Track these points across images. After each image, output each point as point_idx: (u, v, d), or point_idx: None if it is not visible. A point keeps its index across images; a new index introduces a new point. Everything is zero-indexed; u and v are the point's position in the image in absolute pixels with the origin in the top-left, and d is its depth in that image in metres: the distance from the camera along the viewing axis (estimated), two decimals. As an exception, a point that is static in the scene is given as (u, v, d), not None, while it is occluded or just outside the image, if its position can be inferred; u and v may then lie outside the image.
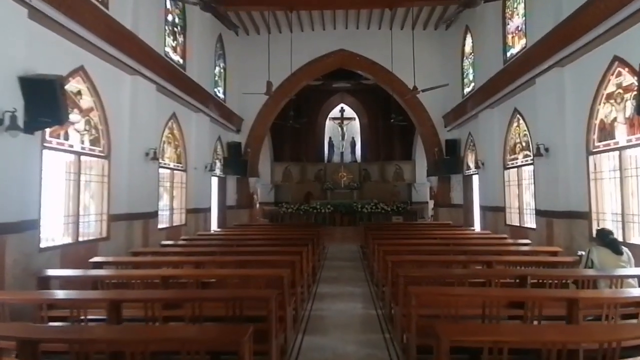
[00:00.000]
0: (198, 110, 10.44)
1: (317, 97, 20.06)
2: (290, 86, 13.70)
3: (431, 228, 10.54)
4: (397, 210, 15.11)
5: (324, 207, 15.35)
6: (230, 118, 12.90)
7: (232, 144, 13.11)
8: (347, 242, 13.91)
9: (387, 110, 19.62)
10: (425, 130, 13.70)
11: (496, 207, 9.89)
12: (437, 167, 13.36)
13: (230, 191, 13.30)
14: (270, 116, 14.13)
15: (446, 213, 13.32)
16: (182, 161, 9.89)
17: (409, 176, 19.13)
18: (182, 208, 9.86)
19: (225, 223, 12.84)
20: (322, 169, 19.96)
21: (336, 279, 8.02)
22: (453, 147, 12.83)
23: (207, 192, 11.09)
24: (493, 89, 9.70)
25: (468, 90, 12.07)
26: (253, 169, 13.84)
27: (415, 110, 13.63)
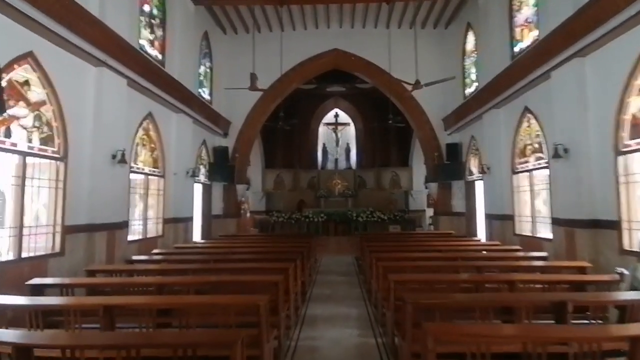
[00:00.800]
0: (179, 110, 9.49)
1: (311, 102, 19.22)
2: (281, 87, 12.80)
3: (433, 238, 9.60)
4: (394, 219, 14.17)
5: (317, 215, 14.38)
6: (216, 121, 11.96)
7: (219, 148, 12.15)
8: (341, 253, 12.93)
9: (383, 115, 18.83)
10: (424, 134, 12.84)
11: (504, 215, 8.98)
12: (437, 173, 12.48)
13: (216, 199, 12.30)
14: (260, 119, 13.20)
15: (447, 222, 12.40)
16: (160, 166, 8.90)
17: (406, 183, 18.24)
18: (158, 218, 8.85)
19: (210, 234, 11.82)
20: (316, 176, 19.03)
21: (329, 297, 7.03)
22: (454, 151, 11.97)
23: (189, 200, 10.09)
24: (499, 87, 8.86)
25: (470, 91, 11.25)
26: (241, 175, 12.86)
27: (414, 113, 12.77)
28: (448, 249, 7.36)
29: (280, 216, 14.45)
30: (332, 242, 13.80)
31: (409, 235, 11.16)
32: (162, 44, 9.03)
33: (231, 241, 9.48)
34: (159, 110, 8.73)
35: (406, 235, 11.12)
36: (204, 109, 11.11)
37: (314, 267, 10.03)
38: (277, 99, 13.09)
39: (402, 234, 11.50)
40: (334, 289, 7.66)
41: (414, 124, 13.20)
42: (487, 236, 9.69)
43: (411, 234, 11.50)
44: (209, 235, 11.62)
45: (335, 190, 18.57)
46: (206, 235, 11.54)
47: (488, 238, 9.56)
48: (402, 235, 10.90)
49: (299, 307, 6.05)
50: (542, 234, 7.72)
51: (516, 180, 8.70)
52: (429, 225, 20.24)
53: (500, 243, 8.15)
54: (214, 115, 11.76)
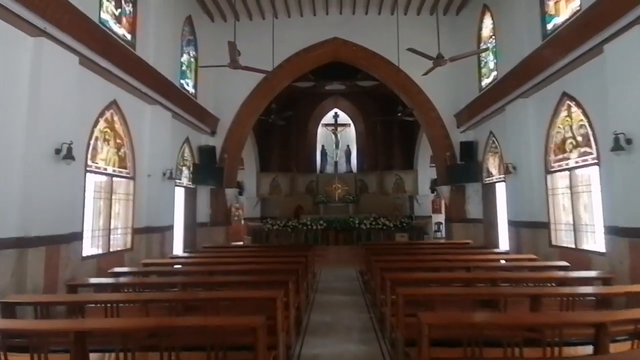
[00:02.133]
0: (154, 101, 8.05)
1: (308, 101, 17.84)
2: (275, 81, 11.38)
3: (451, 250, 8.11)
4: (400, 226, 12.70)
5: (316, 223, 12.90)
6: (202, 117, 10.52)
7: (205, 148, 10.69)
8: (343, 265, 11.42)
9: (385, 115, 17.43)
10: (435, 132, 11.40)
11: (535, 222, 7.52)
12: (449, 175, 11.03)
13: (202, 205, 10.81)
14: (252, 116, 11.76)
15: (461, 230, 10.92)
16: (129, 166, 7.43)
17: (411, 187, 16.79)
18: (127, 227, 7.36)
19: (195, 244, 10.32)
20: (314, 180, 17.61)
21: (330, 326, 5.52)
22: (469, 150, 10.53)
23: (167, 207, 8.59)
24: (528, 72, 7.46)
25: (488, 82, 9.84)
26: (231, 178, 11.39)
27: (423, 108, 11.34)
28: (476, 266, 5.88)
29: (275, 224, 12.97)
30: (332, 253, 12.30)
31: (420, 245, 9.66)
32: (132, 22, 7.60)
33: (214, 254, 7.97)
34: (127, 99, 7.28)
35: (417, 245, 9.61)
36: (187, 103, 9.68)
37: (312, 283, 8.54)
38: (271, 94, 11.67)
39: (412, 245, 9.98)
40: (336, 314, 6.15)
41: (422, 121, 11.77)
42: (513, 247, 8.21)
43: (422, 245, 10.00)
44: (193, 247, 10.11)
45: (335, 196, 17.13)
46: (190, 245, 10.04)
47: (514, 249, 8.08)
48: (413, 246, 9.39)
49: (291, 347, 4.55)
50: (589, 246, 6.26)
51: (551, 181, 7.26)
52: (435, 233, 18.85)
53: (536, 257, 6.66)
54: (198, 110, 10.32)
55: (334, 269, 10.73)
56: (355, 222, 12.93)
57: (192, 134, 10.29)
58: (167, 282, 5.16)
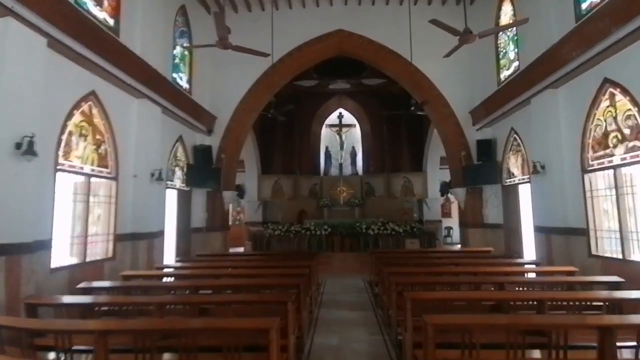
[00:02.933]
0: (141, 95, 7.25)
1: (312, 101, 17.02)
2: (276, 76, 10.56)
3: (472, 260, 7.20)
4: (411, 232, 11.78)
5: (320, 228, 12.02)
6: (197, 114, 9.71)
7: (201, 147, 9.88)
8: (349, 273, 10.54)
9: (392, 115, 16.59)
10: (448, 131, 10.52)
11: (570, 228, 6.60)
12: (465, 177, 10.13)
13: (197, 209, 9.97)
14: (251, 114, 10.94)
15: (478, 236, 9.99)
16: (111, 165, 6.62)
17: (420, 190, 15.89)
18: (108, 233, 6.53)
19: (189, 252, 9.48)
20: (318, 183, 16.74)
21: (337, 353, 4.64)
22: (486, 149, 9.64)
23: (156, 210, 7.75)
24: (559, 59, 6.58)
25: (508, 74, 8.96)
26: (228, 180, 10.56)
27: (435, 105, 10.46)
28: (509, 281, 4.97)
29: (276, 229, 12.10)
30: (337, 260, 11.41)
31: (435, 254, 8.74)
32: (115, 6, 6.81)
33: (206, 264, 7.11)
34: (108, 91, 6.48)
35: (431, 254, 8.68)
36: (180, 98, 8.88)
37: (316, 295, 7.67)
38: (271, 90, 10.85)
39: (426, 253, 9.02)
40: (344, 335, 5.26)
41: (435, 119, 10.89)
42: (541, 255, 7.28)
43: (437, 253, 9.08)
44: (187, 254, 9.27)
45: (340, 199, 16.26)
46: (183, 253, 9.19)
47: (543, 258, 7.16)
48: (427, 255, 8.45)
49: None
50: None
51: (589, 181, 6.35)
52: (445, 238, 17.88)
53: (575, 269, 5.73)
54: (193, 107, 9.52)
55: (339, 278, 9.85)
56: (362, 227, 12.04)
57: (185, 132, 9.47)
58: (144, 302, 4.31)
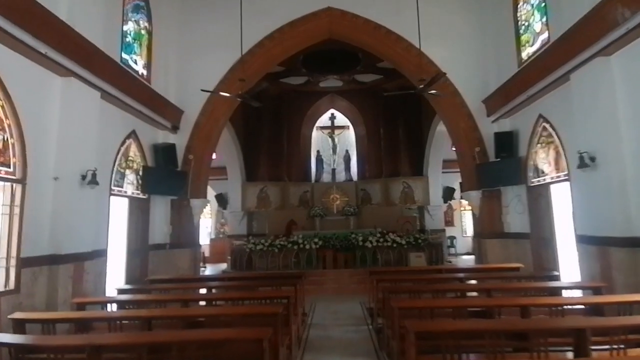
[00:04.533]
0: (69, 72, 5.43)
1: (301, 101, 15.29)
2: (255, 63, 8.83)
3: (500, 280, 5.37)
4: (415, 243, 9.93)
5: (309, 241, 10.15)
6: (157, 106, 7.90)
7: (161, 146, 8.03)
8: (344, 296, 8.68)
9: (389, 115, 14.92)
10: (458, 124, 8.77)
11: (638, 239, 4.83)
12: (480, 177, 8.35)
13: (158, 221, 8.07)
14: (226, 108, 9.12)
15: (498, 248, 8.17)
16: (14, 162, 4.76)
17: (421, 196, 14.11)
18: (8, 257, 4.64)
19: (147, 273, 7.56)
20: (309, 190, 14.93)
21: None
22: (506, 144, 7.89)
23: (91, 224, 5.83)
24: (612, 16, 4.88)
25: (533, 50, 7.27)
26: (198, 186, 8.69)
27: (442, 93, 8.71)
28: (590, 325, 3.15)
29: (258, 243, 10.20)
30: (330, 279, 9.53)
31: (450, 273, 6.87)
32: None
33: (155, 296, 5.22)
34: (11, 62, 4.67)
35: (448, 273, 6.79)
36: (133, 84, 7.07)
37: (303, 326, 5.80)
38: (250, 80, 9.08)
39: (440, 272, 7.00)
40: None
41: (441, 111, 9.15)
42: (590, 273, 5.48)
43: (453, 272, 7.19)
44: (143, 277, 7.34)
45: (334, 208, 14.44)
46: (137, 277, 7.26)
47: (594, 277, 5.35)
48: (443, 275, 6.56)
49: None
50: None
51: (667, 174, 4.60)
52: (449, 248, 16.08)
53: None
54: (151, 96, 7.70)
55: (332, 302, 7.98)
56: (358, 239, 10.18)
57: (141, 127, 7.63)
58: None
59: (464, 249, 17.21)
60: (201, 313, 4.01)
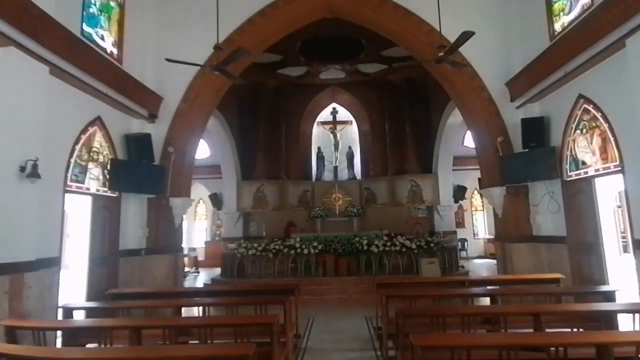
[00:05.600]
0: (10, 41, 4.30)
1: (300, 95, 14.16)
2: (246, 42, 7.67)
3: (543, 296, 4.15)
4: (427, 248, 8.71)
5: (308, 244, 8.96)
6: (131, 91, 6.75)
7: (134, 137, 6.88)
8: (346, 308, 7.50)
9: (396, 107, 13.72)
10: (477, 110, 7.55)
11: None
12: (504, 171, 7.12)
13: (131, 223, 6.91)
14: (213, 94, 7.96)
15: (526, 253, 6.91)
16: None
17: (430, 196, 12.90)
18: None
19: (117, 284, 6.41)
20: (309, 189, 13.78)
21: None
22: (536, 131, 6.65)
23: (34, 226, 4.67)
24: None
25: (570, 19, 6.05)
26: (180, 182, 7.52)
27: (459, 78, 7.52)
28: None
29: (251, 247, 9.03)
30: (331, 289, 8.33)
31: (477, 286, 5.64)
32: None
33: (106, 318, 4.06)
34: None
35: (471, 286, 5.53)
36: (97, 62, 5.92)
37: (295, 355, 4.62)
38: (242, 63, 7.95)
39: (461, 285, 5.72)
40: None
41: (457, 96, 7.92)
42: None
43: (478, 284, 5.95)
44: (112, 287, 6.17)
45: (336, 208, 13.28)
46: (105, 288, 6.08)
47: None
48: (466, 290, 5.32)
49: None
50: None
51: None
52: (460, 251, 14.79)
53: None
54: (121, 78, 6.55)
55: (332, 317, 6.79)
56: (362, 243, 8.99)
57: (110, 114, 6.48)
58: None
59: (475, 252, 15.96)
60: (148, 356, 2.83)
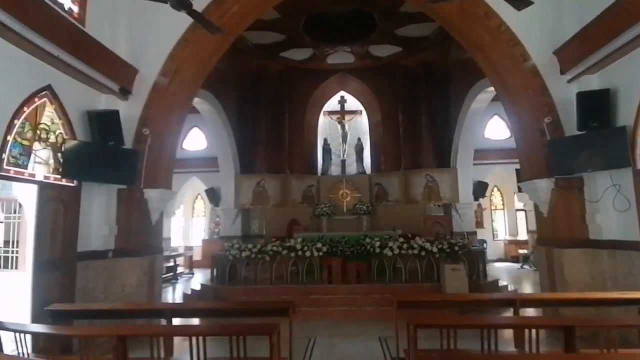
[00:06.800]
0: None
1: (305, 82, 12.80)
2: (240, 2, 6.36)
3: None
4: (451, 251, 7.30)
5: (311, 246, 7.61)
6: (96, 59, 5.43)
7: (96, 114, 5.56)
8: (355, 322, 6.14)
9: (411, 95, 12.29)
10: (518, 85, 6.09)
11: None
12: (554, 159, 5.65)
13: (94, 219, 5.63)
14: (198, 67, 6.61)
15: (581, 262, 5.44)
16: None
17: (448, 192, 11.46)
18: None
19: (73, 293, 5.14)
20: (314, 184, 12.45)
21: None
22: (598, 108, 5.19)
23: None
24: None
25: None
26: (156, 171, 6.20)
27: (495, 44, 6.09)
28: None
29: (245, 249, 7.70)
30: (337, 299, 6.96)
31: (529, 304, 4.22)
32: None
33: None
34: None
35: (523, 306, 4.10)
36: (45, 17, 4.62)
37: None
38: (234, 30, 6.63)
39: (511, 304, 4.18)
40: None
41: (492, 68, 6.44)
42: None
43: (532, 303, 4.52)
44: (66, 298, 4.90)
45: (343, 205, 11.92)
46: (58, 298, 4.80)
47: None
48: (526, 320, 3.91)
49: None
50: None
51: None
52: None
53: None
54: (83, 42, 5.23)
55: (338, 336, 5.41)
56: (374, 245, 7.61)
57: (66, 84, 5.18)
58: None
59: (494, 255, 14.47)
60: None
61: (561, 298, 4.31)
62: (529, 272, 12.09)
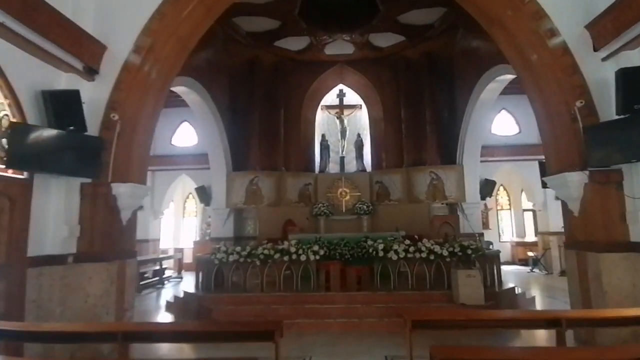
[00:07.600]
0: None
1: (302, 74, 11.99)
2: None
3: None
4: (463, 254, 6.46)
5: (306, 249, 6.76)
6: (49, 28, 4.57)
7: (55, 94, 4.70)
8: (356, 338, 5.27)
9: (414, 88, 11.47)
10: (543, 65, 5.26)
11: None
12: (588, 149, 4.81)
13: (52, 218, 4.77)
14: (176, 42, 5.75)
15: (621, 268, 4.60)
16: None
17: (454, 191, 10.64)
18: None
19: (23, 305, 4.27)
20: (311, 182, 11.61)
21: None
22: (638, 89, 4.39)
23: None
24: None
25: None
26: (127, 163, 5.33)
27: (513, 17, 5.27)
28: None
29: (233, 252, 6.83)
30: (336, 309, 6.10)
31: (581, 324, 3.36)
32: None
33: None
34: None
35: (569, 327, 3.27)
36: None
37: None
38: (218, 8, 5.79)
39: (556, 324, 3.34)
40: None
41: (511, 46, 5.61)
42: None
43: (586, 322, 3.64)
44: (11, 312, 4.04)
45: (342, 205, 11.10)
46: (3, 311, 3.96)
47: None
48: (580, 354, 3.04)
49: None
50: None
51: None
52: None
53: None
54: (40, 10, 4.39)
55: (338, 355, 4.55)
56: (377, 248, 6.76)
57: (16, 58, 4.30)
58: None
59: (501, 258, 13.59)
60: None
61: (621, 316, 3.45)
62: (539, 276, 11.27)
